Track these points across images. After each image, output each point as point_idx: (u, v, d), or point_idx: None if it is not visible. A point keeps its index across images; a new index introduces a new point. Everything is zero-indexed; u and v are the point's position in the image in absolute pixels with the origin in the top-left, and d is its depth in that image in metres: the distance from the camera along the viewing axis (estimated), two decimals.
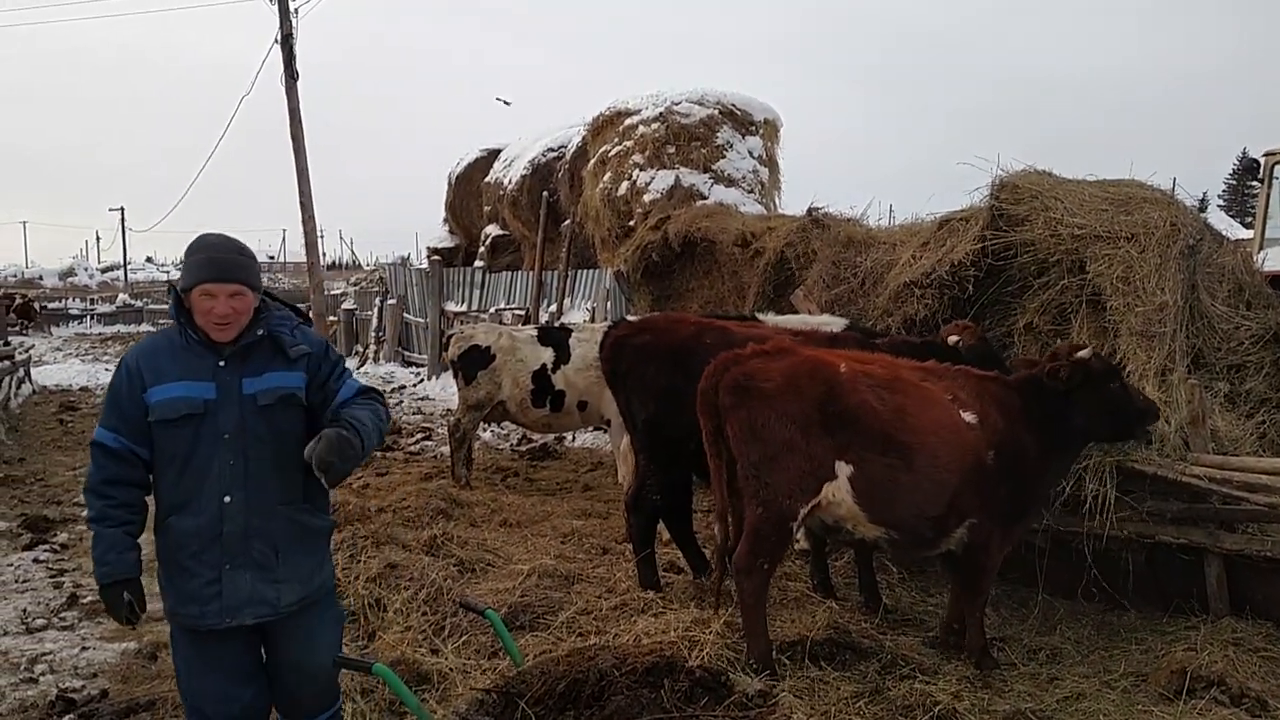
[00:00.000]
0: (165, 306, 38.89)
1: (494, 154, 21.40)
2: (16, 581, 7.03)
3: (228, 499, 3.38)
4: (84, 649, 5.71)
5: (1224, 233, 7.81)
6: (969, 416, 5.09)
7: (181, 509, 3.40)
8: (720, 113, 14.54)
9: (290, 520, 3.51)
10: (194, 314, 3.40)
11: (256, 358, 3.46)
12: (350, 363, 21.09)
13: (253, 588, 3.43)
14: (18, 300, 34.22)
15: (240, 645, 3.54)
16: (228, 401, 3.39)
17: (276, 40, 19.74)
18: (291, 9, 19.83)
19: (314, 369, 3.55)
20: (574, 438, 12.49)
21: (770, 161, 14.85)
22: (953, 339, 6.51)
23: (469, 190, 22.12)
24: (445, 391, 16.08)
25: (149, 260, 69.72)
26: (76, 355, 28.18)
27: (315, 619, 3.65)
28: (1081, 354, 5.40)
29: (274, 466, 3.45)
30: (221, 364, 3.41)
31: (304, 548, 3.56)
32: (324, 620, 3.70)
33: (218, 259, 3.40)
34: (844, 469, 4.94)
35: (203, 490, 3.38)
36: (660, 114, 14.49)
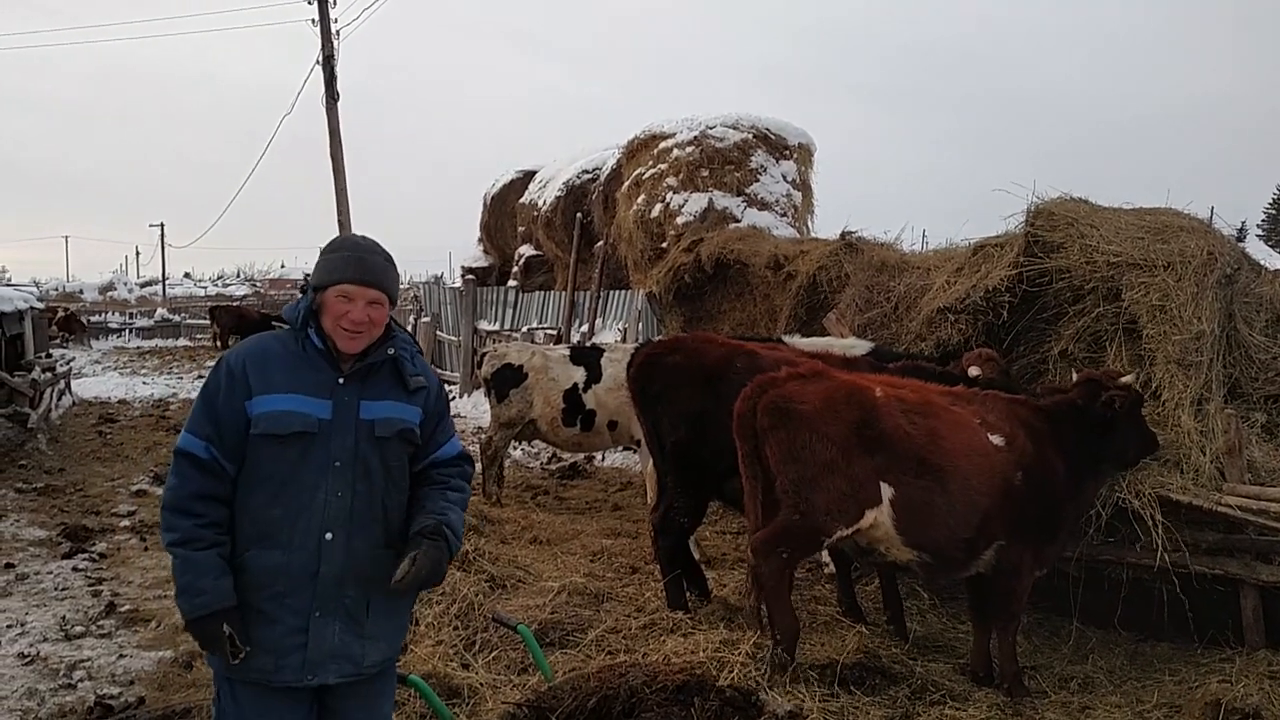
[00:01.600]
0: (203, 321, 39.46)
1: (529, 175, 21.57)
2: (56, 589, 7.14)
3: (329, 536, 2.95)
4: (121, 656, 5.79)
5: (1263, 262, 7.74)
6: (996, 439, 5.14)
7: (266, 541, 2.94)
8: (754, 137, 14.59)
9: (388, 568, 3.02)
10: (323, 316, 3.02)
11: (376, 381, 3.08)
12: None
13: (339, 640, 2.98)
14: (60, 313, 34.70)
15: (306, 708, 3.07)
16: (343, 425, 2.99)
17: (318, 61, 20.08)
18: (333, 30, 20.18)
19: (429, 407, 3.19)
20: (604, 457, 12.53)
21: (804, 185, 14.87)
22: (973, 371, 6.47)
23: (504, 211, 22.29)
24: (477, 409, 16.18)
25: (187, 276, 70.59)
26: (115, 368, 28.54)
27: (386, 682, 3.26)
28: (1126, 379, 5.45)
29: (379, 505, 3.06)
30: (340, 381, 3.02)
31: (396, 604, 3.15)
32: (390, 683, 3.30)
33: (364, 260, 3.05)
34: (886, 491, 4.99)
35: (298, 523, 2.94)
36: (695, 137, 14.57)
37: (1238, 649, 5.59)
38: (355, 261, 3.03)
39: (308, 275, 3.12)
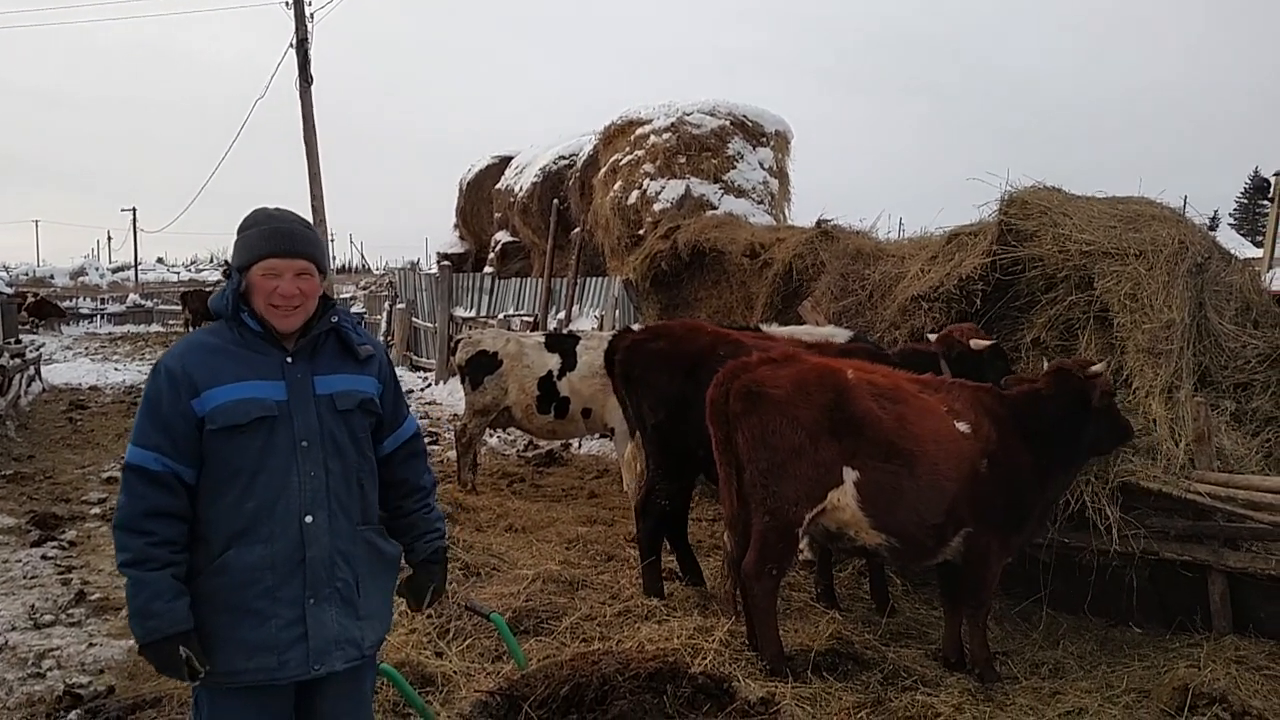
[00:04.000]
0: (175, 307, 39.18)
1: (505, 161, 21.48)
2: (25, 578, 7.06)
3: (309, 519, 2.86)
4: (91, 645, 5.74)
5: (1234, 251, 7.81)
6: (962, 426, 5.18)
7: (244, 537, 2.82)
8: (732, 124, 14.59)
9: (369, 545, 3.02)
10: (253, 297, 2.90)
11: (325, 355, 2.99)
12: None
13: (339, 625, 2.90)
14: (29, 298, 34.31)
15: (289, 708, 2.97)
16: (301, 403, 2.89)
17: (292, 44, 19.88)
18: (307, 14, 19.99)
19: (384, 376, 3.13)
20: (580, 444, 12.52)
21: (780, 173, 14.89)
22: (977, 343, 6.43)
23: (480, 196, 22.20)
24: (452, 396, 16.13)
25: (160, 261, 70.15)
26: (86, 354, 28.29)
27: (369, 674, 3.17)
28: (1096, 368, 5.44)
29: (353, 481, 2.99)
30: (289, 360, 2.92)
31: (381, 583, 3.08)
32: (372, 675, 3.22)
33: (283, 230, 2.92)
34: (850, 474, 5.02)
35: (275, 510, 2.83)
36: (672, 124, 14.55)
37: (1206, 634, 5.66)
38: (274, 233, 2.91)
39: (228, 261, 3.02)
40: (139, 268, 59.74)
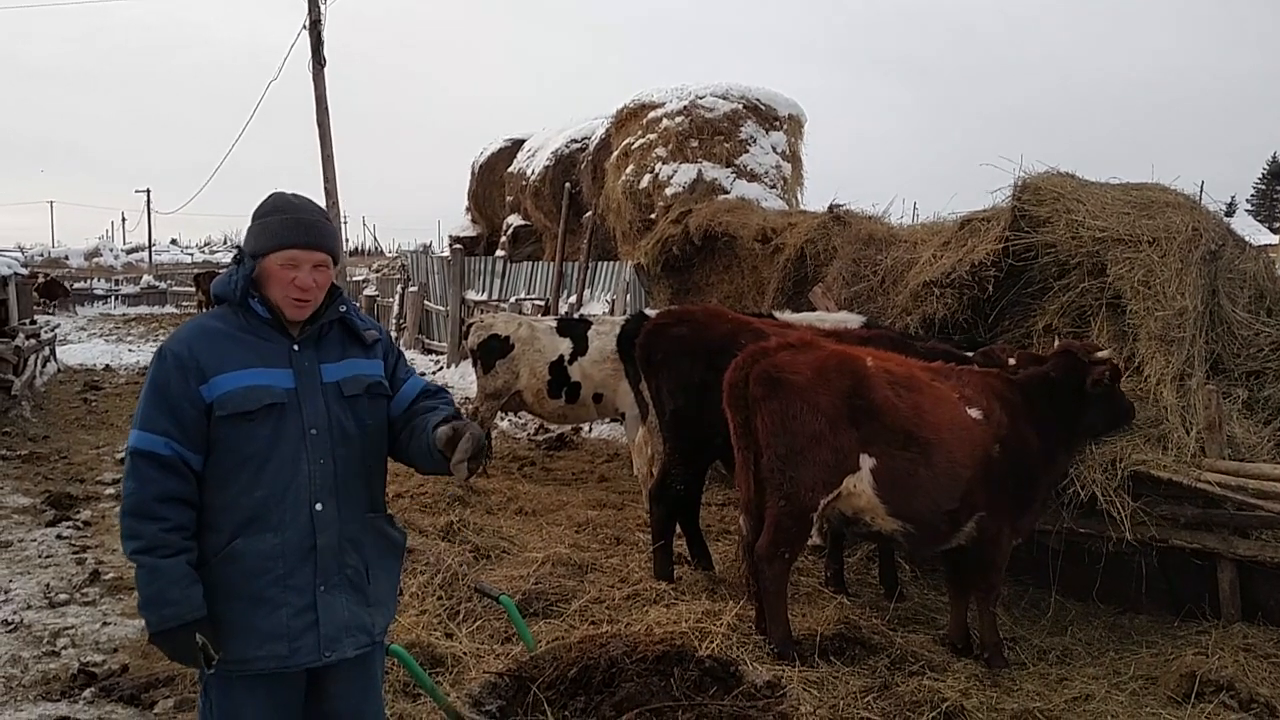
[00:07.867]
0: (189, 289, 39.26)
1: (518, 144, 21.43)
2: (40, 557, 7.13)
3: (319, 506, 2.84)
4: (105, 624, 5.81)
5: (1252, 238, 7.77)
6: (975, 413, 5.21)
7: (254, 525, 2.79)
8: (744, 107, 14.50)
9: (378, 532, 3.01)
10: (267, 285, 2.86)
11: (331, 342, 2.97)
12: None
13: (350, 612, 2.89)
14: (40, 279, 34.49)
15: (301, 692, 2.94)
16: (309, 391, 2.87)
17: (305, 25, 19.84)
18: None
19: (387, 354, 3.11)
20: (590, 429, 12.55)
21: (793, 157, 14.80)
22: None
23: (492, 180, 22.16)
24: (464, 380, 16.15)
25: (174, 242, 70.41)
26: (101, 335, 28.48)
27: (379, 656, 3.15)
28: (1104, 353, 5.52)
29: (362, 468, 2.97)
30: (296, 348, 2.89)
31: (388, 569, 3.06)
32: (382, 657, 3.20)
33: (305, 221, 2.88)
34: (867, 461, 5.05)
35: (286, 498, 2.80)
36: (684, 107, 14.46)
37: (1214, 622, 5.65)
38: (296, 224, 2.86)
39: (239, 246, 2.98)
40: (153, 249, 59.91)
